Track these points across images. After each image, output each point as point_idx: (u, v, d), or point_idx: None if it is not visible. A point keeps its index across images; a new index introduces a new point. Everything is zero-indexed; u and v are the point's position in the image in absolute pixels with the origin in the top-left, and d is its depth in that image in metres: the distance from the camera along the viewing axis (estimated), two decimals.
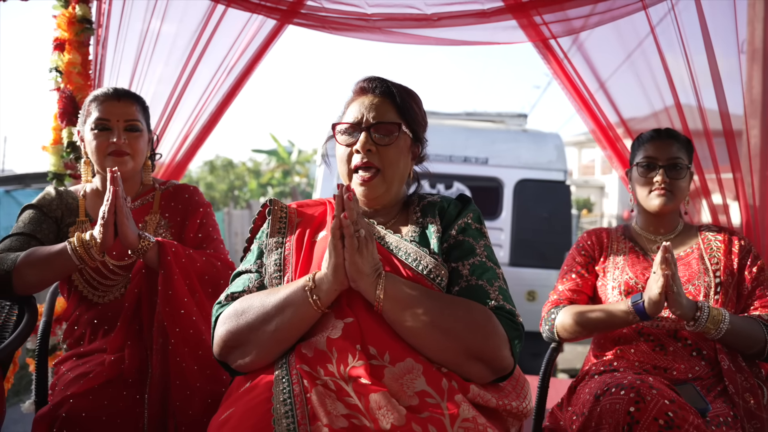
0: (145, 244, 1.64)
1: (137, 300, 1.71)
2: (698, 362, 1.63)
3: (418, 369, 1.16)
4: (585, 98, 2.39)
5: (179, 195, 1.95)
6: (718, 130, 2.19)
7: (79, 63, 2.53)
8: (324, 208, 1.49)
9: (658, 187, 1.82)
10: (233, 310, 1.28)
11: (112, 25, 2.53)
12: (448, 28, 2.28)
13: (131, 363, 1.62)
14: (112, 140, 1.76)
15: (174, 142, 2.61)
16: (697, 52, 2.18)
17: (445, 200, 1.46)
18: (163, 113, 2.56)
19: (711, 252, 1.81)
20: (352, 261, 1.17)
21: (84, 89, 2.51)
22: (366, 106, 1.38)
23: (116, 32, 2.54)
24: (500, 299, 1.27)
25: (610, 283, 1.84)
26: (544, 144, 6.79)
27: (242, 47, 2.51)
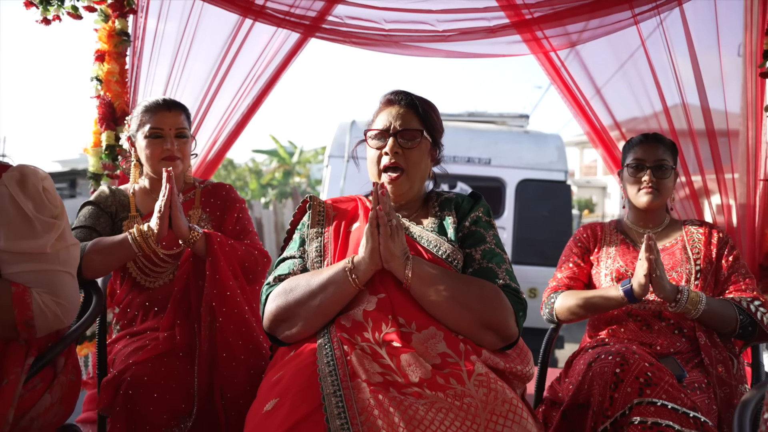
0: (194, 235, 1.87)
1: (185, 284, 1.94)
2: (679, 339, 1.86)
3: (439, 335, 1.39)
4: (581, 103, 2.62)
5: (217, 192, 2.19)
6: (702, 130, 2.43)
7: (117, 72, 2.76)
8: (355, 203, 1.72)
9: (646, 186, 2.05)
10: (282, 288, 1.51)
11: (147, 38, 2.76)
12: (458, 43, 2.51)
13: (182, 339, 1.85)
14: (166, 147, 2.00)
15: (204, 145, 2.84)
16: (683, 59, 2.42)
17: (459, 197, 1.70)
18: (193, 119, 2.79)
19: (693, 243, 2.04)
20: (385, 245, 1.40)
21: (121, 96, 2.74)
22: (393, 115, 1.62)
23: (151, 44, 2.77)
24: (507, 279, 1.51)
25: (603, 271, 2.07)
26: (546, 145, 7.01)
27: (268, 58, 2.74)
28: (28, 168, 1.48)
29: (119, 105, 2.73)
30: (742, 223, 2.45)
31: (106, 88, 2.74)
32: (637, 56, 2.56)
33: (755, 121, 2.43)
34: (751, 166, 2.43)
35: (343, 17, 2.54)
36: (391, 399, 1.23)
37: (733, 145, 2.51)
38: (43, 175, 1.50)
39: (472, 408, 1.24)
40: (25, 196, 1.44)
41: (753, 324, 1.84)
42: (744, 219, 2.43)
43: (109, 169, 2.75)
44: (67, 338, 1.59)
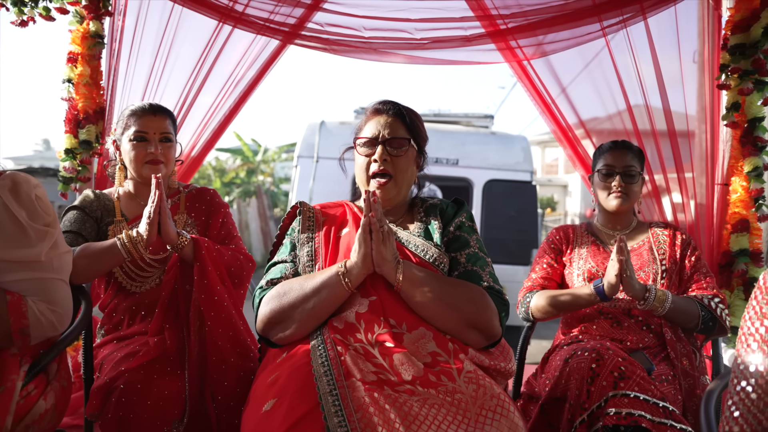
0: (182, 240, 1.89)
1: (173, 289, 1.96)
2: (647, 335, 1.99)
3: (429, 335, 1.46)
4: (547, 102, 2.72)
5: (202, 197, 2.21)
6: (664, 130, 2.58)
7: (88, 75, 2.72)
8: (343, 209, 1.78)
9: (615, 191, 2.17)
10: (275, 292, 1.56)
11: (125, 40, 2.75)
12: (436, 51, 2.59)
13: (171, 343, 1.87)
14: (150, 150, 2.01)
15: (183, 149, 2.84)
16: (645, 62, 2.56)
17: (443, 203, 1.78)
18: None
19: (659, 244, 2.17)
20: (378, 250, 1.47)
21: (91, 99, 2.71)
22: (382, 124, 1.69)
23: (129, 46, 2.76)
24: (491, 281, 1.60)
25: (575, 271, 2.18)
26: (512, 146, 7.19)
27: (248, 63, 2.77)
28: (20, 176, 1.49)
29: (86, 107, 2.70)
30: (701, 223, 2.61)
31: (76, 90, 2.71)
32: (602, 57, 2.67)
33: (711, 124, 2.59)
34: (709, 168, 2.60)
35: (323, 24, 2.59)
36: (386, 396, 1.30)
37: (691, 145, 2.67)
38: (35, 182, 1.51)
39: (462, 403, 1.32)
40: (19, 204, 1.45)
41: (713, 319, 1.98)
42: (703, 219, 2.59)
43: (71, 172, 2.71)
44: (60, 344, 1.60)
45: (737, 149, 2.44)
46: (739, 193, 2.38)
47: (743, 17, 2.40)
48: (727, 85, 2.46)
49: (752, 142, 2.39)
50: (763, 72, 2.39)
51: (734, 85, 2.44)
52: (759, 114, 2.39)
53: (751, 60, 2.39)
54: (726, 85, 2.47)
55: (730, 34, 2.44)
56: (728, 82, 2.46)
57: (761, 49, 2.36)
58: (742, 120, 2.42)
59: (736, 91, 2.42)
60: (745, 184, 2.38)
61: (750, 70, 2.39)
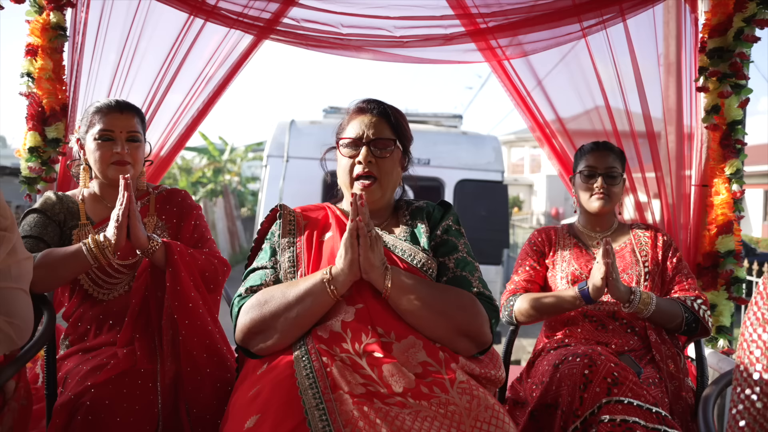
0: (153, 244, 1.79)
1: (144, 296, 1.85)
2: (632, 337, 1.98)
3: (419, 344, 1.40)
4: (523, 95, 2.68)
5: (173, 198, 2.10)
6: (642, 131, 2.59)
7: (50, 69, 2.57)
8: (325, 212, 1.71)
9: (598, 192, 2.16)
10: (256, 300, 1.48)
11: (89, 33, 2.60)
12: (415, 49, 2.54)
13: (142, 354, 1.77)
14: (116, 150, 1.90)
15: (151, 150, 2.71)
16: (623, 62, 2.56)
17: (429, 205, 1.72)
18: None
19: (641, 246, 2.16)
20: (365, 256, 1.40)
21: (54, 95, 2.57)
22: (366, 124, 1.61)
23: (94, 40, 2.61)
24: (480, 287, 1.55)
25: (558, 273, 2.16)
26: (483, 146, 7.21)
27: (220, 59, 2.66)
28: None
29: (50, 103, 2.55)
30: (677, 223, 2.62)
31: (38, 85, 2.56)
32: (579, 50, 2.65)
33: (675, 125, 2.61)
34: (672, 168, 2.61)
35: (299, 20, 2.51)
36: (377, 410, 1.24)
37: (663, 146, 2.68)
38: None
39: (456, 415, 1.26)
40: None
41: (696, 321, 1.98)
42: (681, 219, 2.61)
43: (35, 172, 2.56)
44: (19, 360, 1.48)
45: (717, 151, 2.45)
46: (723, 195, 2.40)
47: (720, 21, 2.42)
48: (706, 88, 2.48)
49: (732, 145, 2.41)
50: (740, 75, 2.41)
51: (713, 88, 2.45)
52: (737, 117, 2.42)
53: (729, 63, 2.41)
54: (705, 87, 2.48)
55: (707, 37, 2.46)
56: (707, 84, 2.47)
57: (735, 53, 2.39)
58: (721, 122, 2.44)
59: (715, 93, 2.44)
60: (728, 185, 2.40)
61: (728, 73, 2.41)
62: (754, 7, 2.26)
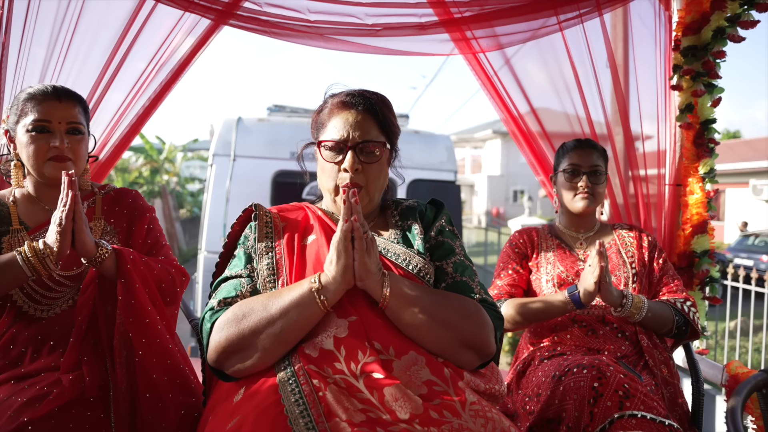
0: (102, 252, 1.55)
1: (91, 312, 1.61)
2: (623, 342, 1.90)
3: (421, 360, 1.25)
4: (489, 75, 2.57)
5: (122, 199, 1.86)
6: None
7: None
8: (304, 212, 1.53)
9: (582, 191, 2.07)
10: (232, 315, 1.28)
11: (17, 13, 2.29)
12: (387, 39, 2.38)
13: (92, 380, 1.52)
14: (53, 144, 1.64)
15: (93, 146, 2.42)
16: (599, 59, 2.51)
17: (421, 204, 1.57)
18: None
19: (626, 247, 2.10)
20: (361, 261, 1.23)
21: None
22: (351, 123, 1.42)
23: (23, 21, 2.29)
24: (482, 293, 1.41)
25: (543, 276, 2.06)
26: (436, 145, 7.15)
27: (173, 45, 2.41)
28: None
29: None
30: (649, 222, 2.59)
31: None
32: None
33: (623, 126, 2.59)
34: (619, 168, 2.58)
35: (261, 4, 2.30)
36: None
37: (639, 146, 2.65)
38: None
39: None
40: None
41: (686, 323, 1.92)
42: (653, 219, 2.58)
43: None
44: None
45: (690, 150, 2.43)
46: (697, 195, 2.37)
47: (694, 19, 2.40)
48: (680, 86, 2.45)
49: (705, 144, 2.39)
50: (712, 74, 2.40)
51: (686, 86, 2.43)
52: (711, 116, 2.40)
53: (702, 62, 2.39)
54: (678, 86, 2.46)
55: (681, 35, 2.43)
56: (680, 83, 2.45)
57: (711, 51, 2.37)
58: (694, 121, 2.42)
59: (689, 92, 2.41)
60: (702, 185, 2.37)
61: (702, 71, 2.39)
62: (736, 6, 2.24)
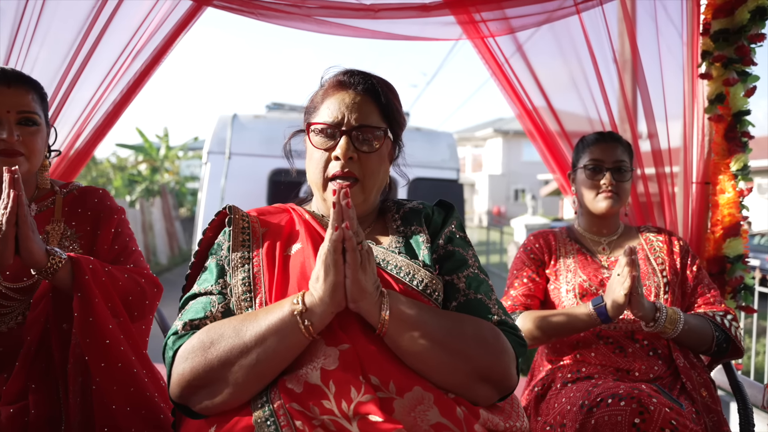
0: (55, 261, 1.33)
1: (43, 330, 1.39)
2: (656, 361, 1.67)
3: (429, 398, 1.02)
4: (499, 61, 2.34)
5: (86, 199, 1.63)
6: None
7: None
8: (289, 215, 1.30)
9: (605, 190, 1.85)
10: (198, 341, 1.06)
11: None
12: (387, 21, 2.16)
13: (38, 413, 1.30)
14: (2, 136, 1.42)
15: (65, 139, 2.20)
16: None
17: (427, 207, 1.34)
18: (51, 103, 2.15)
19: (655, 252, 1.87)
20: (354, 279, 1.00)
21: None
22: (347, 104, 1.21)
23: None
24: (501, 314, 1.18)
25: (563, 286, 1.83)
26: (438, 143, 6.92)
27: (151, 30, 2.16)
28: None
29: None
30: (674, 225, 2.37)
31: None
32: None
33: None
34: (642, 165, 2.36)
35: None
36: None
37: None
38: None
39: None
40: None
41: (728, 340, 1.70)
42: (679, 221, 2.35)
43: None
44: None
45: (721, 145, 2.20)
46: (729, 194, 2.14)
47: (726, 0, 2.17)
48: (709, 75, 2.22)
49: (738, 138, 2.16)
50: (746, 61, 2.17)
51: (717, 75, 2.20)
52: (744, 107, 2.17)
53: (735, 47, 2.16)
54: (707, 74, 2.23)
55: (711, 18, 2.20)
56: (710, 71, 2.22)
57: (746, 34, 2.14)
58: (726, 113, 2.19)
59: (720, 81, 2.18)
60: (734, 183, 2.14)
61: (734, 57, 2.16)
62: None
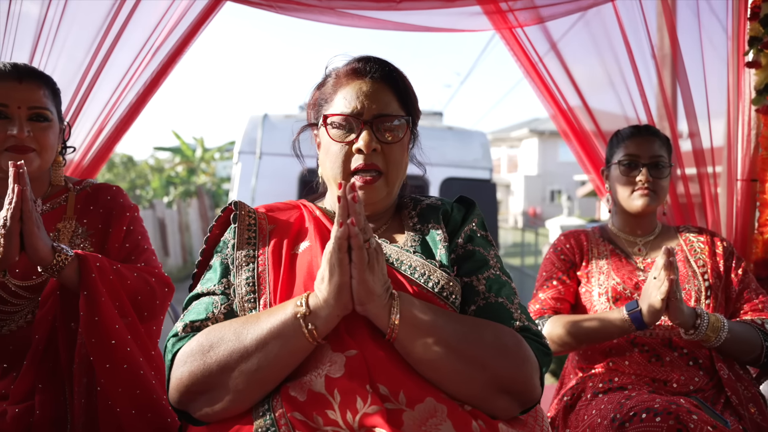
0: (61, 259, 1.29)
1: (50, 330, 1.35)
2: (696, 372, 1.54)
3: (442, 411, 0.94)
4: (533, 60, 2.23)
5: (99, 197, 1.60)
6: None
7: None
8: (299, 212, 1.23)
9: (642, 187, 1.73)
10: (198, 345, 1.00)
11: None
12: (409, 12, 2.08)
13: (44, 414, 1.27)
14: (12, 132, 1.39)
15: (86, 137, 2.19)
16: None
17: (446, 203, 1.26)
18: (71, 103, 2.14)
19: (695, 254, 1.74)
20: (361, 279, 0.93)
21: None
22: (365, 93, 1.14)
23: (8, 4, 2.09)
24: (524, 319, 1.09)
25: (596, 289, 1.72)
26: (470, 142, 6.80)
27: (170, 26, 2.14)
28: None
29: None
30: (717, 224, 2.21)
31: None
32: None
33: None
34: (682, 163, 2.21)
35: None
36: None
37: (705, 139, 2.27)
38: None
39: None
40: None
41: None
42: (722, 220, 2.20)
43: None
44: None
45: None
46: None
47: None
48: (757, 63, 2.06)
49: None
50: None
51: (766, 62, 2.04)
52: None
53: None
54: (756, 62, 2.07)
55: (761, 0, 2.04)
56: (758, 59, 2.06)
57: None
58: None
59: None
60: None
61: None
62: None
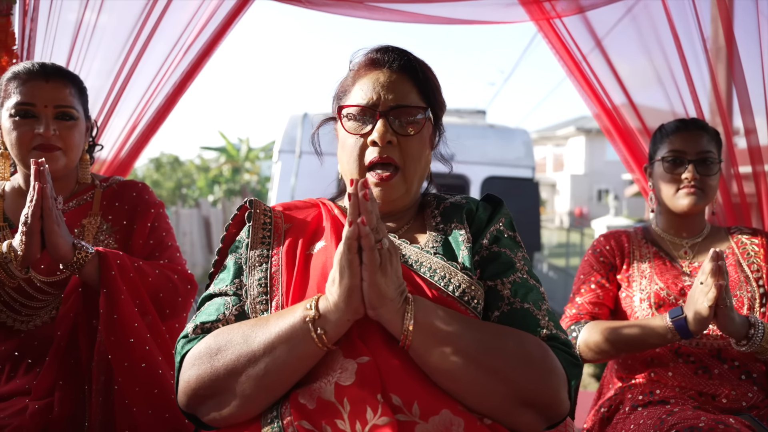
0: (81, 256, 1.29)
1: (72, 327, 1.35)
2: (750, 387, 1.41)
3: (458, 424, 0.87)
4: (576, 58, 2.11)
5: (125, 193, 1.60)
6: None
7: None
8: (318, 210, 1.19)
9: (687, 185, 1.61)
10: (206, 347, 0.97)
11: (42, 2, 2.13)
12: (441, 5, 2.00)
13: (62, 411, 1.27)
14: (38, 131, 1.40)
15: (118, 136, 2.22)
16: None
17: (471, 201, 1.18)
18: (105, 101, 2.17)
19: (749, 258, 1.60)
20: (372, 282, 0.87)
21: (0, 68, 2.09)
22: (382, 83, 1.08)
23: (48, 3, 2.14)
24: (552, 327, 1.01)
25: (637, 294, 1.61)
26: (512, 140, 6.65)
27: (201, 23, 2.14)
28: None
29: None
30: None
31: None
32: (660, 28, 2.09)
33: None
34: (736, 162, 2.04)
35: None
36: None
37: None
38: None
39: None
40: None
41: None
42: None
43: None
44: None
45: None
46: None
47: None
48: None
49: None
50: None
51: None
52: None
53: None
54: None
55: None
56: None
57: None
58: None
59: None
60: None
61: None
62: None
